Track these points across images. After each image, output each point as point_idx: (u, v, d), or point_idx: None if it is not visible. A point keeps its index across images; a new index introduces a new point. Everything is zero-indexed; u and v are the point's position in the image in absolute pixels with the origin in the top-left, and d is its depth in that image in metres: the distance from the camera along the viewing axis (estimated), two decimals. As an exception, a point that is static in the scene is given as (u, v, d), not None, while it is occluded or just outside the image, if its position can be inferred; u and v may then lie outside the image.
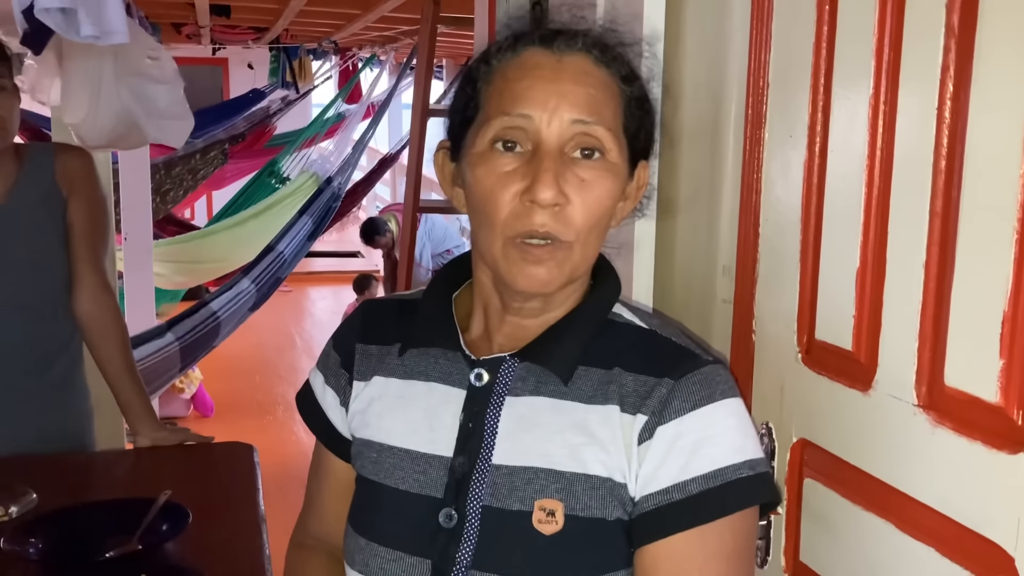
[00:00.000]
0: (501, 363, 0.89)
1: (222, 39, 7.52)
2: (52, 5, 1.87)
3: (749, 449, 0.84)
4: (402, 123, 9.68)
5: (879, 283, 0.92)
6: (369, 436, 0.95)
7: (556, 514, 0.83)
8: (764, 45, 1.10)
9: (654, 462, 0.83)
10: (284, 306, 7.30)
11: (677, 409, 0.83)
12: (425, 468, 0.89)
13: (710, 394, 0.84)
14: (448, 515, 0.86)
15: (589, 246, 0.85)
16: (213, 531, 1.40)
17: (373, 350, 0.97)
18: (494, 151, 0.83)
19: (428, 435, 0.90)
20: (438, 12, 3.75)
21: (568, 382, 0.86)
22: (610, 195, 0.84)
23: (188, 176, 6.51)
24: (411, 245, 3.73)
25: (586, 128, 0.82)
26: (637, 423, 0.84)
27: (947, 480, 0.83)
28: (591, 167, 0.83)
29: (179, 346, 3.73)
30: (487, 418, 0.87)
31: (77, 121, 2.28)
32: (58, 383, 1.80)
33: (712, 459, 0.82)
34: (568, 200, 0.81)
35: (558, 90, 0.82)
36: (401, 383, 0.93)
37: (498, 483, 0.86)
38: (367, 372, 0.96)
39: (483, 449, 0.87)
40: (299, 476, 4.53)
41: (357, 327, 0.99)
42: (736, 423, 0.84)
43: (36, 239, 1.75)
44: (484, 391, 0.89)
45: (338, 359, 1.00)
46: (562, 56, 0.84)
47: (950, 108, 0.82)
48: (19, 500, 1.42)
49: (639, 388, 0.85)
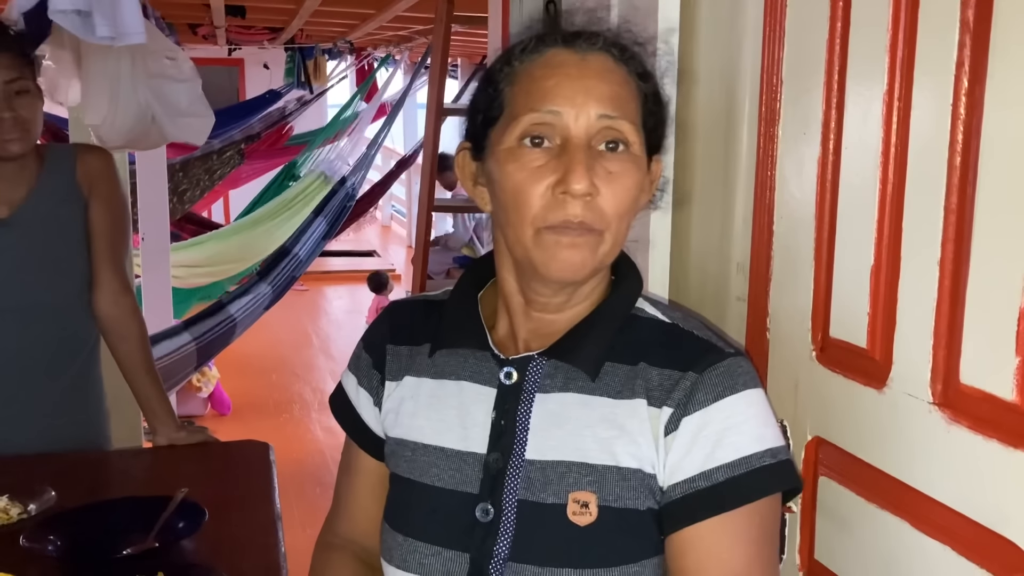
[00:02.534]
0: (529, 361, 0.92)
1: (238, 40, 7.55)
2: (67, 7, 1.88)
3: (770, 438, 0.87)
4: (417, 123, 9.70)
5: (894, 280, 0.91)
6: (402, 435, 0.97)
7: (590, 506, 0.86)
8: (778, 41, 1.09)
9: (680, 452, 0.86)
10: (300, 305, 7.33)
11: (701, 401, 0.86)
12: (460, 465, 0.92)
13: (732, 385, 0.86)
14: (484, 510, 0.89)
15: (620, 235, 0.87)
16: (229, 529, 1.41)
17: (403, 351, 0.99)
18: (522, 147, 0.86)
19: (461, 432, 0.93)
20: (452, 11, 3.75)
21: (596, 378, 0.89)
22: (637, 185, 0.87)
23: (205, 176, 6.54)
24: (426, 245, 3.74)
25: (612, 123, 0.85)
26: (663, 415, 0.87)
27: (962, 478, 0.82)
28: (618, 159, 0.86)
29: (196, 346, 3.76)
30: (519, 415, 0.90)
31: (98, 122, 2.30)
32: (77, 383, 1.81)
33: (736, 448, 0.85)
34: (598, 191, 0.84)
35: (584, 86, 0.85)
36: (433, 383, 0.96)
37: (532, 477, 0.88)
38: (398, 372, 0.99)
39: (516, 445, 0.90)
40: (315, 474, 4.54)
41: (386, 328, 1.02)
42: (757, 412, 0.87)
43: (57, 239, 1.76)
44: (514, 389, 0.91)
45: (369, 360, 1.02)
46: (585, 55, 0.87)
47: (965, 104, 0.81)
48: (38, 498, 1.44)
49: (664, 382, 0.88)
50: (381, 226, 11.02)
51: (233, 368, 5.22)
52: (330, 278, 8.36)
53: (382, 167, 8.88)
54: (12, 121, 1.66)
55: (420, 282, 4.01)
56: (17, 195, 1.74)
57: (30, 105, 1.70)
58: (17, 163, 1.73)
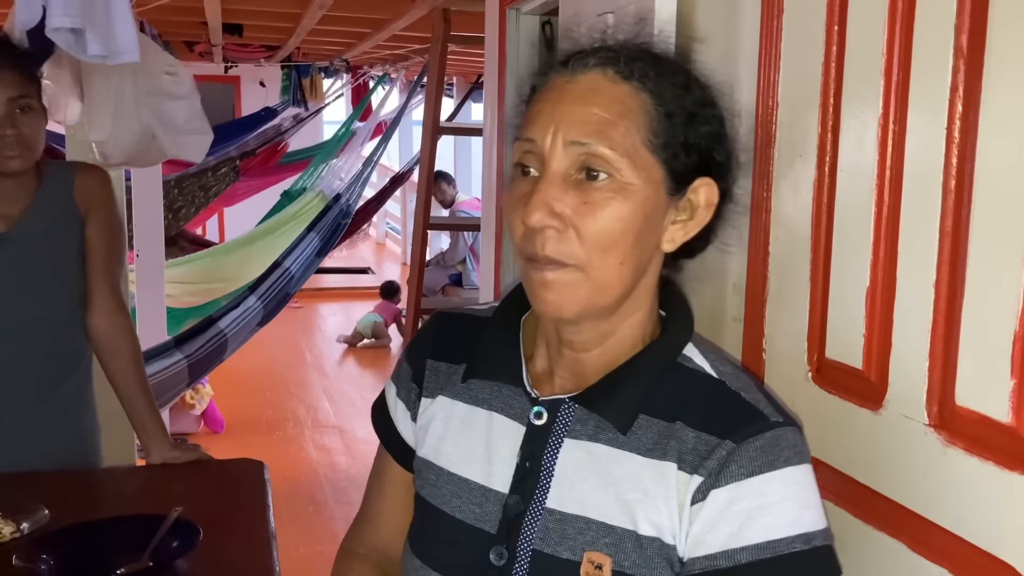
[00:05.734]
0: (561, 404, 0.88)
1: (234, 57, 7.58)
2: (62, 25, 1.89)
3: (806, 521, 0.80)
4: (413, 140, 9.73)
5: (889, 302, 0.92)
6: (430, 457, 0.96)
7: (604, 568, 0.82)
8: (773, 64, 1.10)
9: (704, 525, 0.80)
10: (295, 322, 7.31)
11: (734, 474, 0.79)
12: (481, 501, 0.90)
13: (771, 461, 0.80)
14: (499, 553, 0.87)
15: (607, 270, 0.81)
16: (224, 548, 1.40)
17: (442, 367, 0.98)
18: (515, 175, 0.85)
19: (486, 467, 0.90)
20: (448, 31, 3.77)
21: (627, 432, 0.84)
22: (621, 217, 0.80)
23: (200, 193, 6.54)
24: (422, 262, 3.74)
25: (585, 149, 0.80)
26: (692, 483, 0.81)
27: (959, 500, 0.82)
28: (596, 188, 0.80)
29: (187, 363, 3.74)
30: (544, 460, 0.87)
31: (102, 139, 2.30)
32: (69, 400, 1.81)
33: (766, 529, 0.78)
34: (566, 224, 0.80)
35: (559, 111, 0.81)
36: (465, 408, 0.94)
37: (550, 528, 0.85)
38: (434, 390, 0.97)
39: (538, 491, 0.86)
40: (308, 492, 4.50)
41: (429, 341, 1.00)
42: (796, 492, 0.80)
43: (53, 256, 1.76)
44: (543, 431, 0.88)
45: (409, 371, 1.01)
46: (573, 76, 0.83)
47: (959, 128, 0.82)
48: (31, 516, 1.43)
49: (699, 447, 0.81)
50: (375, 243, 11.02)
51: (226, 385, 5.20)
52: (324, 295, 8.35)
53: (376, 183, 8.90)
54: (15, 138, 1.67)
55: (415, 299, 4.01)
56: (14, 211, 1.74)
57: (33, 122, 1.71)
58: (16, 179, 1.73)
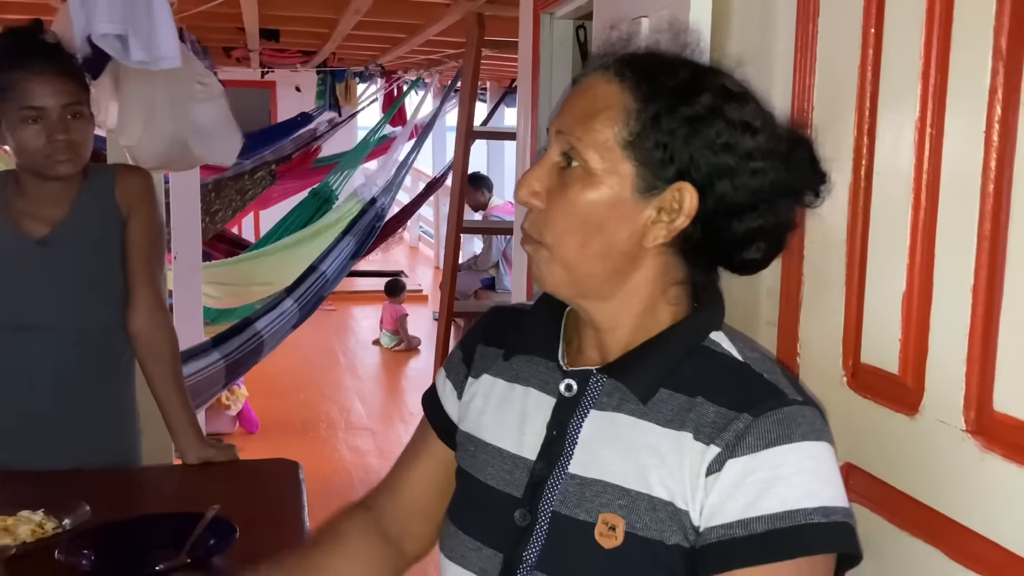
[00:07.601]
0: (590, 376, 0.93)
1: (270, 63, 7.67)
2: (108, 31, 1.93)
3: (825, 496, 0.81)
4: (446, 144, 9.77)
5: (926, 306, 0.91)
6: (470, 430, 1.01)
7: (617, 529, 0.86)
8: (808, 67, 1.10)
9: (720, 495, 0.82)
10: (328, 324, 7.37)
11: (751, 445, 0.82)
12: (511, 468, 0.95)
13: (788, 434, 0.82)
14: (523, 514, 0.91)
15: (567, 249, 0.88)
16: (259, 546, 1.41)
17: (490, 351, 1.03)
18: None
19: (518, 437, 0.95)
20: (483, 36, 3.79)
21: (647, 402, 0.88)
22: (587, 202, 0.86)
23: (237, 196, 6.61)
24: (454, 266, 3.76)
25: (564, 138, 0.88)
26: (708, 453, 0.83)
27: (997, 507, 0.81)
28: (568, 174, 0.88)
29: (224, 364, 3.79)
30: (570, 428, 0.92)
31: (132, 143, 2.34)
32: (111, 401, 1.84)
33: (781, 500, 0.80)
34: (545, 203, 0.88)
35: (563, 106, 0.90)
36: (505, 385, 1.00)
37: (570, 491, 0.89)
38: (480, 370, 1.03)
39: (562, 457, 0.91)
40: (341, 493, 4.54)
41: (481, 330, 1.07)
42: (813, 467, 0.82)
43: (94, 258, 1.79)
44: (572, 402, 0.93)
45: (460, 355, 1.07)
46: (585, 76, 0.91)
47: (998, 131, 0.81)
48: (73, 513, 1.45)
49: (717, 419, 0.84)
50: (409, 247, 11.08)
51: (261, 387, 5.25)
52: (357, 298, 8.40)
53: (411, 188, 8.93)
54: (66, 144, 1.70)
55: (448, 303, 4.02)
56: (57, 215, 1.77)
57: (83, 129, 1.74)
58: (61, 183, 1.76)
